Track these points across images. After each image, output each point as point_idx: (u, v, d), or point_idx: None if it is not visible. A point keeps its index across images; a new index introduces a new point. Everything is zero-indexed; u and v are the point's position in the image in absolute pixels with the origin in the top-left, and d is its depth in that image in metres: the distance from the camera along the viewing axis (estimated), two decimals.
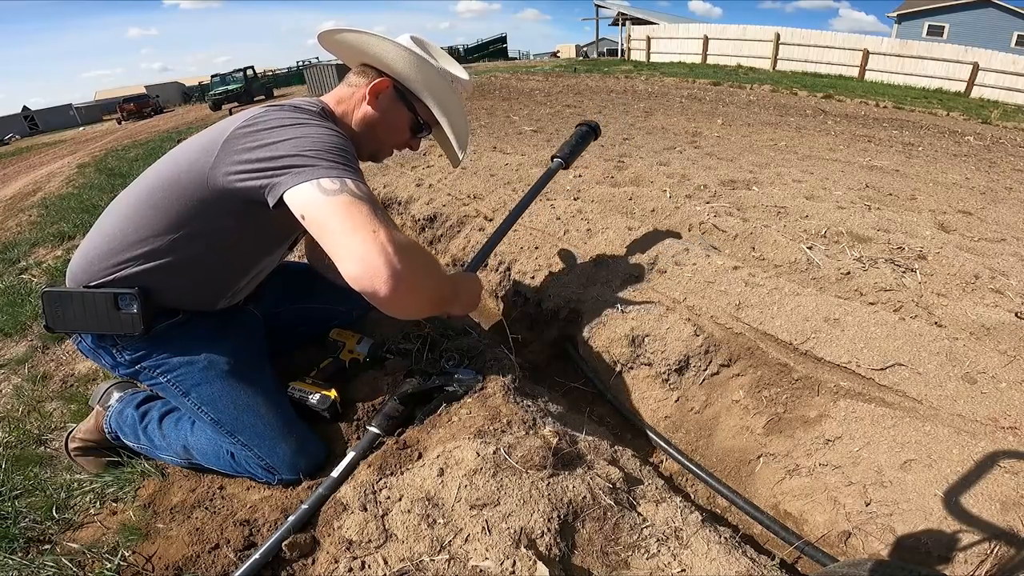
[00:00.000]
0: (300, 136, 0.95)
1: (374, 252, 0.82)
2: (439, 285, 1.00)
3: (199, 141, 1.06)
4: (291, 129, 0.96)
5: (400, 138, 1.25)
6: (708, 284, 1.58)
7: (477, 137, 4.35)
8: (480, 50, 36.00)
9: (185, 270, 1.09)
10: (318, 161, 0.91)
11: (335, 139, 0.98)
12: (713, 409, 1.40)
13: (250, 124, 0.99)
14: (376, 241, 0.83)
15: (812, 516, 1.09)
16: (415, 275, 0.86)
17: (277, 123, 0.98)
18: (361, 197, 0.88)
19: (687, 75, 13.01)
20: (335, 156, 0.93)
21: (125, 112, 24.86)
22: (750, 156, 3.62)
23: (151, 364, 1.15)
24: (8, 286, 2.77)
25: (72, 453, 1.32)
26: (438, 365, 1.34)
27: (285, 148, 0.93)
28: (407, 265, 0.84)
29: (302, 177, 0.88)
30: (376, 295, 0.83)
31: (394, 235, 0.86)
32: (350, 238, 0.83)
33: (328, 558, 0.89)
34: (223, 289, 1.19)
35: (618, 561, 0.87)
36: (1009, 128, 7.76)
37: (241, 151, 0.96)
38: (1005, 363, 1.19)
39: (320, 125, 1.00)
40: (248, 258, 1.18)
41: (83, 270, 1.10)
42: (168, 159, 1.11)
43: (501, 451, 0.99)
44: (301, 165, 0.90)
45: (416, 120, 1.23)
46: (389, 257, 0.82)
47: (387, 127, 1.21)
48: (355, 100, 1.18)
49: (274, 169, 0.92)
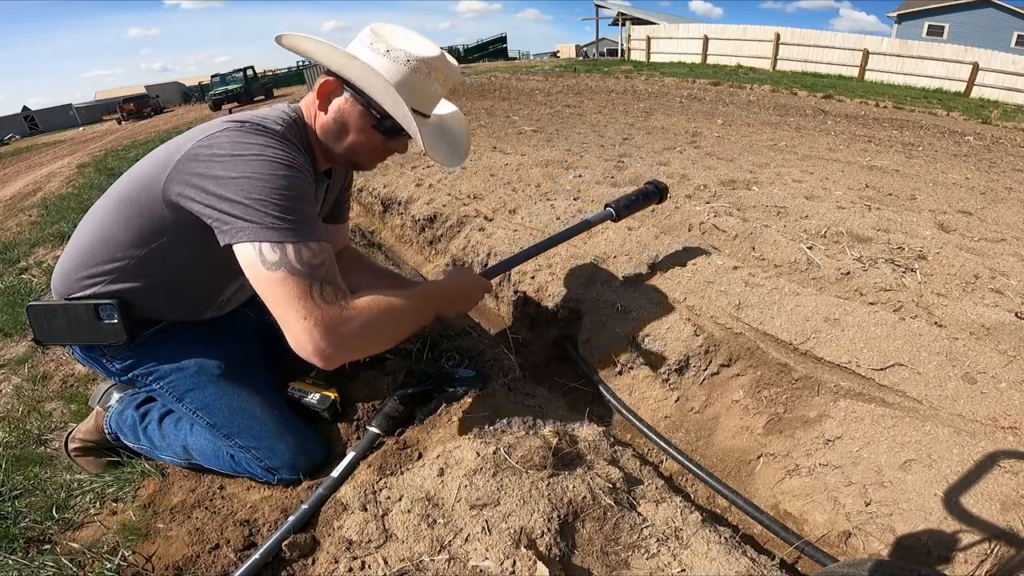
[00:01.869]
0: (249, 175, 0.90)
1: (304, 337, 0.87)
2: (396, 325, 1.01)
3: (157, 155, 1.04)
4: (243, 164, 0.92)
5: (369, 141, 1.09)
6: (708, 284, 1.58)
7: (477, 137, 4.34)
8: (480, 50, 36.01)
9: (160, 287, 1.08)
10: (263, 217, 0.88)
11: (287, 178, 0.92)
12: (713, 409, 1.40)
13: (204, 146, 0.95)
14: (304, 329, 0.87)
15: (812, 516, 1.09)
16: (349, 345, 0.92)
17: (230, 151, 0.93)
18: (298, 271, 0.88)
19: (687, 75, 13.01)
20: (280, 209, 0.89)
21: (125, 112, 24.87)
22: (750, 156, 3.62)
23: (143, 372, 1.15)
24: (8, 286, 2.76)
25: (72, 453, 1.32)
26: (438, 365, 1.34)
27: (232, 189, 0.90)
28: (337, 343, 0.89)
29: (244, 236, 0.89)
30: (317, 365, 0.90)
31: (326, 315, 0.88)
32: (283, 319, 0.88)
33: (328, 558, 0.89)
34: (205, 303, 1.18)
35: (618, 561, 0.87)
36: (1009, 128, 7.76)
37: (193, 174, 0.94)
38: (1005, 363, 1.19)
39: (274, 159, 0.93)
40: (226, 274, 1.13)
41: (62, 283, 1.10)
42: (132, 172, 1.07)
43: (501, 451, 0.99)
44: (244, 219, 0.89)
45: (379, 120, 1.06)
46: (316, 342, 0.87)
47: (343, 131, 1.08)
48: (314, 107, 1.09)
49: (220, 212, 0.90)
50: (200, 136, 0.98)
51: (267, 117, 1.04)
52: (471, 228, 2.39)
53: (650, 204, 1.64)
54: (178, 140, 1.03)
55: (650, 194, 1.63)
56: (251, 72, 22.86)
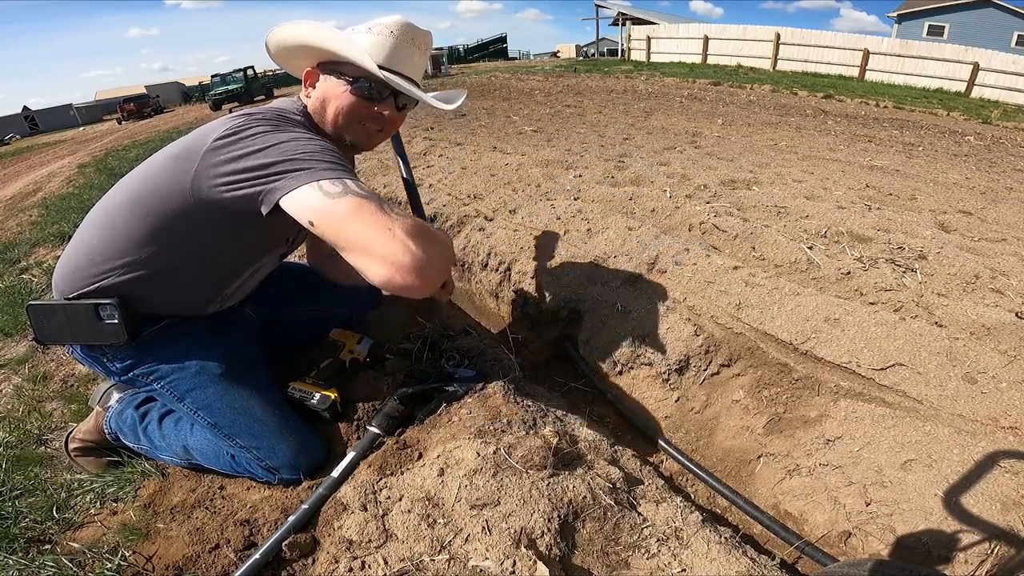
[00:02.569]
0: (287, 141, 0.93)
1: (398, 252, 0.84)
2: (446, 246, 1.01)
3: (174, 151, 1.04)
4: (276, 135, 0.95)
5: (351, 108, 1.11)
6: (708, 284, 1.58)
7: (477, 137, 4.34)
8: (480, 50, 36.02)
9: (167, 279, 1.08)
10: (313, 163, 0.89)
11: (321, 142, 0.97)
12: (713, 409, 1.40)
13: (231, 133, 0.96)
14: (396, 240, 0.84)
15: (812, 516, 1.09)
16: (434, 253, 0.88)
17: (261, 130, 0.96)
18: (366, 196, 0.88)
19: (687, 75, 13.01)
20: (328, 157, 0.92)
21: (125, 112, 24.87)
22: (750, 156, 3.61)
23: (143, 371, 1.15)
24: (8, 286, 2.77)
25: (72, 453, 1.32)
26: (438, 365, 1.34)
27: (274, 154, 0.91)
28: (426, 249, 0.86)
29: (300, 180, 0.87)
30: (412, 288, 0.86)
31: (406, 224, 0.87)
32: (366, 242, 0.84)
33: (328, 558, 0.89)
34: (209, 295, 1.18)
35: (618, 561, 0.87)
36: (1009, 128, 7.75)
37: (225, 161, 0.94)
38: (1005, 363, 1.19)
39: (303, 131, 0.99)
40: (233, 266, 1.16)
41: (64, 281, 1.10)
42: (143, 169, 1.08)
43: (501, 451, 0.99)
44: (296, 169, 0.89)
45: (352, 81, 1.09)
46: (412, 251, 0.84)
47: (327, 104, 1.11)
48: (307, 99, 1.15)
49: (266, 176, 0.90)
50: (220, 129, 0.98)
51: (282, 107, 1.08)
52: (471, 228, 2.39)
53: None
54: (193, 136, 1.03)
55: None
56: (251, 72, 22.83)
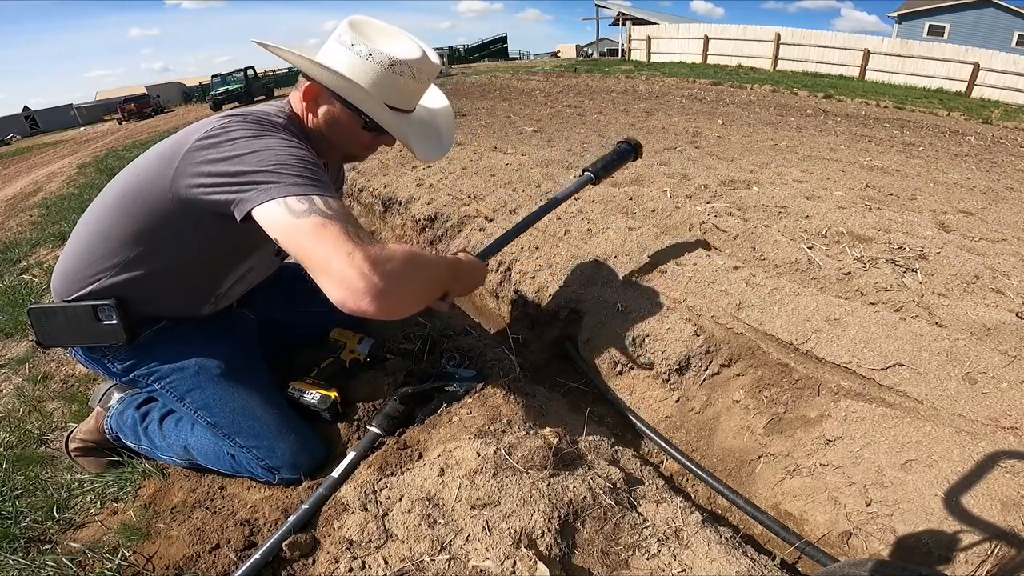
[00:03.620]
0: (263, 149, 0.92)
1: (353, 277, 0.82)
2: (429, 278, 1.00)
3: (159, 150, 1.04)
4: (254, 141, 0.94)
5: (359, 140, 1.14)
6: (708, 284, 1.58)
7: (477, 137, 4.34)
8: (481, 50, 36.00)
9: (158, 279, 1.08)
10: (283, 176, 0.89)
11: (298, 151, 0.95)
12: (713, 409, 1.40)
13: (212, 135, 0.96)
14: (353, 265, 0.82)
15: (813, 516, 1.09)
16: (398, 284, 0.86)
17: (240, 135, 0.95)
18: (330, 215, 0.86)
19: (688, 75, 13.00)
20: (300, 170, 0.91)
21: (126, 112, 24.89)
22: (750, 156, 3.61)
23: (144, 372, 1.15)
24: (9, 286, 2.77)
25: (72, 453, 1.32)
26: (439, 365, 1.34)
27: (249, 162, 0.91)
28: (387, 279, 0.84)
29: (269, 194, 0.87)
30: (365, 314, 0.84)
31: (368, 251, 0.84)
32: (325, 262, 0.83)
33: (328, 558, 0.89)
34: (202, 295, 1.18)
35: (618, 561, 0.87)
36: (1010, 128, 7.75)
37: (204, 162, 0.94)
38: (1006, 363, 1.19)
39: (283, 138, 0.97)
40: (222, 265, 1.16)
41: (62, 283, 1.11)
42: (131, 168, 1.09)
43: (501, 451, 0.99)
44: (266, 181, 0.88)
45: (367, 122, 1.10)
46: (367, 277, 0.82)
47: (335, 131, 1.12)
48: (302, 105, 1.12)
49: (239, 184, 0.90)
50: (202, 130, 0.98)
51: (265, 111, 1.06)
52: (472, 228, 2.39)
53: (626, 163, 1.64)
54: (178, 136, 1.03)
55: (624, 153, 1.61)
56: (252, 72, 22.83)
